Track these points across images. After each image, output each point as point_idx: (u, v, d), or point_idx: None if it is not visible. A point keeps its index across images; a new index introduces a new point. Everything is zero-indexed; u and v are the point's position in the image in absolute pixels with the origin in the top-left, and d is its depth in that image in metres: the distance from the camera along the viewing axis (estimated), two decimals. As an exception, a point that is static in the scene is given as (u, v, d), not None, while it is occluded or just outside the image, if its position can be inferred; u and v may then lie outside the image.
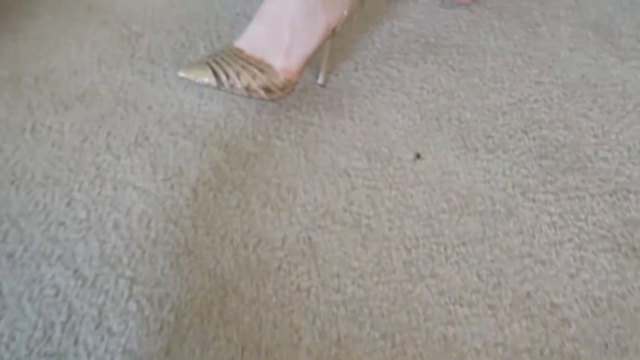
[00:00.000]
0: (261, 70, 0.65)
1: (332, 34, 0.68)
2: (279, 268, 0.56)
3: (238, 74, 0.64)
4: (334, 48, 0.74)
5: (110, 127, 0.72)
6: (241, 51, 0.66)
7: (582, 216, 0.61)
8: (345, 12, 0.67)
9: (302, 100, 0.74)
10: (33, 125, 0.71)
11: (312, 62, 0.77)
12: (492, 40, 0.78)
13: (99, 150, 0.70)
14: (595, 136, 0.68)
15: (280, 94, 0.66)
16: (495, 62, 0.75)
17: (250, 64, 0.64)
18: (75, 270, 0.56)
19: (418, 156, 0.67)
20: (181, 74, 0.65)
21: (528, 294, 0.54)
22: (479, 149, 0.67)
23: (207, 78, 0.64)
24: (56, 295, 0.53)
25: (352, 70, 0.76)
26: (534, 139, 0.68)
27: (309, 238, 0.58)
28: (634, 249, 0.58)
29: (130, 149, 0.70)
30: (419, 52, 0.77)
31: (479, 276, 0.55)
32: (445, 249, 0.57)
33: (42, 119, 0.73)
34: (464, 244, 0.58)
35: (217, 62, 0.65)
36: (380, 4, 0.83)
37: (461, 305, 0.53)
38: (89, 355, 0.49)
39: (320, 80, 0.75)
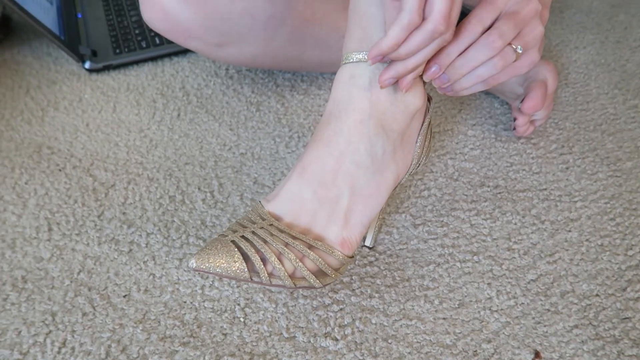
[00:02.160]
0: (310, 247, 0.43)
1: (397, 187, 0.49)
2: None
3: (279, 256, 0.42)
4: (383, 198, 0.55)
5: (66, 333, 0.47)
6: (278, 219, 0.44)
7: None
8: (415, 160, 0.49)
9: (351, 273, 0.52)
10: None
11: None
12: (575, 181, 0.62)
13: (46, 381, 0.44)
14: None
15: (335, 277, 0.44)
16: (589, 210, 0.59)
17: (294, 237, 0.43)
18: None
19: (538, 355, 0.46)
20: (193, 263, 0.41)
21: None
22: (619, 340, 0.47)
23: (235, 265, 0.41)
24: None
25: (409, 226, 0.57)
26: (683, 318, 0.49)
27: None
28: None
29: (97, 371, 0.44)
30: (491, 199, 0.60)
31: None
32: None
33: (-48, 329, 0.47)
34: None
35: (246, 239, 0.42)
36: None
37: None
38: None
39: (368, 242, 0.54)
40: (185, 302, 0.49)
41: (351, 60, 0.45)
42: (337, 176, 0.44)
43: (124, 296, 0.50)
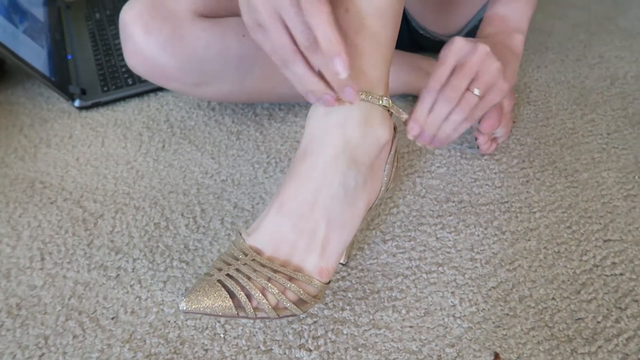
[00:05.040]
0: (291, 279, 0.46)
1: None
2: None
3: (263, 291, 0.45)
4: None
5: (58, 354, 0.50)
6: (259, 252, 0.47)
7: None
8: (383, 186, 0.53)
9: (324, 288, 0.56)
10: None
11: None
12: (534, 193, 0.66)
13: (39, 399, 0.47)
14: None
15: (314, 303, 0.48)
16: (547, 220, 0.63)
17: (275, 271, 0.46)
18: None
19: (497, 357, 0.50)
20: (183, 306, 0.44)
21: None
22: (573, 339, 0.51)
23: (223, 304, 0.44)
24: None
25: (379, 242, 0.60)
26: (634, 317, 0.52)
27: None
28: None
29: (87, 388, 0.48)
30: (455, 213, 0.64)
31: None
32: None
33: (-49, 355, 0.50)
34: None
35: (231, 277, 0.45)
36: (391, 159, 0.71)
37: None
38: None
39: (342, 259, 0.58)
40: (169, 321, 0.53)
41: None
42: (313, 209, 0.47)
43: (112, 318, 0.53)
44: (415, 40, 0.85)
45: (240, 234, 0.49)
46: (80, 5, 1.10)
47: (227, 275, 0.45)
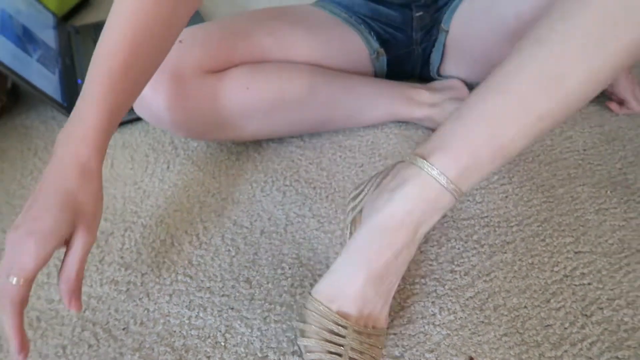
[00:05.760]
0: (378, 337, 0.53)
1: None
2: None
3: None
4: (343, 233, 0.64)
5: (75, 363, 0.55)
6: (346, 317, 0.51)
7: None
8: None
9: (316, 299, 0.61)
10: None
11: (318, 250, 0.66)
12: (512, 208, 0.71)
13: (59, 402, 0.52)
14: (657, 309, 0.59)
15: None
16: (523, 233, 0.68)
17: (370, 335, 0.52)
18: None
19: (472, 361, 0.55)
20: None
21: None
22: (541, 344, 0.56)
23: None
24: None
25: (367, 256, 0.66)
26: (598, 323, 0.57)
27: None
28: None
29: (102, 392, 0.53)
30: (438, 227, 0.69)
31: None
32: None
33: (-20, 364, 0.56)
34: None
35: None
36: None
37: None
38: None
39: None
40: (174, 331, 0.58)
41: (441, 182, 0.49)
42: (395, 274, 0.53)
43: (123, 329, 0.59)
44: (420, 76, 0.91)
45: (317, 300, 0.52)
46: (88, 30, 1.16)
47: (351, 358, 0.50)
